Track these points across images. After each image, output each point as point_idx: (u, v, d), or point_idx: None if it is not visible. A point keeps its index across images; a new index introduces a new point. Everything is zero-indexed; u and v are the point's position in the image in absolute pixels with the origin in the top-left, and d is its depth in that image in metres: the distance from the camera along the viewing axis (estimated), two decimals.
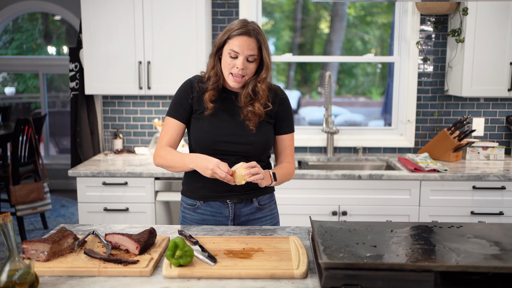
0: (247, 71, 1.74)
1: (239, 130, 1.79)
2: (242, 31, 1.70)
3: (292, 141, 1.92)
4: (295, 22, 4.06)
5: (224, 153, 1.78)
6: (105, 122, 3.61)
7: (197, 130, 1.80)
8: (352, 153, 3.54)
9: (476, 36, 3.08)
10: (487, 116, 3.47)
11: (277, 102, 1.85)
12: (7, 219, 1.24)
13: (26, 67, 6.12)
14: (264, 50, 1.73)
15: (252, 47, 1.70)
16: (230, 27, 1.74)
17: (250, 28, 1.71)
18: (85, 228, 1.78)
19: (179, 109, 1.82)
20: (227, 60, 1.73)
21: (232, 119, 1.80)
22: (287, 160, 1.90)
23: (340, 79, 4.78)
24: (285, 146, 1.90)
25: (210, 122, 1.79)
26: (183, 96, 1.83)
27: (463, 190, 2.89)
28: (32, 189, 3.89)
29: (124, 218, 2.98)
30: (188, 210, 1.90)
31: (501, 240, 1.43)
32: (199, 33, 3.15)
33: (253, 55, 1.72)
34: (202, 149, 1.79)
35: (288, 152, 1.91)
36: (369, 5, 3.86)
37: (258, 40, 1.72)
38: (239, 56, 1.71)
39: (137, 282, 1.33)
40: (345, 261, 1.26)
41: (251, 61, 1.73)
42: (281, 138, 1.90)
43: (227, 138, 1.78)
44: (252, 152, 1.80)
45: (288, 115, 1.89)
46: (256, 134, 1.79)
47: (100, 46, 3.20)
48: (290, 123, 1.91)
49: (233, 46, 1.70)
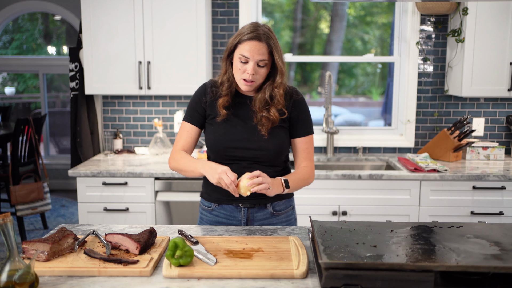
0: (258, 76, 1.71)
1: (250, 135, 1.77)
2: (252, 36, 1.66)
3: (310, 143, 1.86)
4: (295, 22, 4.06)
5: (235, 158, 1.78)
6: (105, 122, 3.61)
7: (209, 135, 1.81)
8: (352, 153, 3.54)
9: (476, 36, 3.08)
10: (487, 116, 3.47)
11: (291, 105, 1.80)
12: (7, 219, 1.24)
13: (26, 67, 6.12)
14: (275, 54, 1.69)
15: (262, 52, 1.67)
16: (241, 31, 1.70)
17: (260, 32, 1.67)
18: (85, 228, 1.78)
19: (193, 114, 1.83)
20: (237, 65, 1.71)
21: (244, 124, 1.78)
22: (304, 164, 1.85)
23: (340, 79, 4.78)
24: (301, 149, 1.85)
25: (221, 128, 1.78)
26: (197, 101, 1.83)
27: (463, 190, 2.89)
28: (32, 189, 3.90)
29: (124, 218, 2.98)
30: (205, 211, 1.92)
31: (501, 240, 1.43)
32: (199, 33, 3.15)
33: (264, 60, 1.68)
34: (214, 154, 1.81)
35: (305, 155, 1.85)
36: (369, 5, 3.86)
37: (268, 45, 1.68)
38: (249, 61, 1.68)
39: (137, 282, 1.33)
40: (345, 261, 1.26)
41: (261, 66, 1.70)
42: (296, 141, 1.85)
43: (237, 144, 1.76)
44: (264, 157, 1.77)
45: (303, 117, 1.83)
46: (267, 140, 1.76)
47: (100, 46, 3.20)
48: (306, 125, 1.84)
49: (243, 51, 1.67)
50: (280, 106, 1.75)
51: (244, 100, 1.81)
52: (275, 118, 1.74)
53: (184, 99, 3.54)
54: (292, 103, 1.81)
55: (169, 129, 3.58)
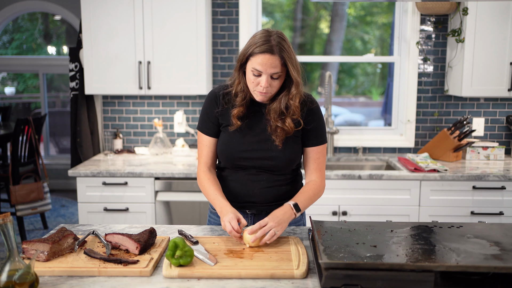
0: (272, 88, 1.66)
1: (261, 145, 1.74)
2: (264, 49, 1.59)
3: (322, 153, 1.79)
4: (295, 22, 4.06)
5: (245, 167, 1.77)
6: (105, 122, 3.61)
7: (220, 143, 1.79)
8: (352, 153, 3.54)
9: (476, 36, 3.08)
10: (487, 116, 3.47)
11: (305, 114, 1.75)
12: (7, 219, 1.24)
13: (26, 67, 6.12)
14: (289, 65, 1.62)
15: (276, 65, 1.60)
16: (253, 41, 1.63)
17: (273, 43, 1.60)
18: (85, 228, 1.78)
19: (208, 124, 1.80)
20: (250, 77, 1.66)
21: (257, 134, 1.75)
22: (315, 175, 1.79)
23: (340, 79, 4.78)
24: (312, 159, 1.79)
25: (233, 137, 1.75)
26: (209, 111, 1.79)
27: (463, 190, 2.89)
28: (32, 189, 3.89)
29: (124, 218, 2.98)
30: (213, 214, 1.91)
31: (501, 240, 1.43)
32: (199, 33, 3.15)
33: (277, 72, 1.62)
34: (224, 162, 1.80)
35: (316, 166, 1.79)
36: (369, 5, 3.86)
37: (282, 57, 1.60)
38: (263, 75, 1.63)
39: (137, 282, 1.33)
40: (345, 261, 1.26)
41: (275, 78, 1.65)
42: (308, 150, 1.80)
43: (248, 154, 1.74)
44: (275, 167, 1.75)
45: (316, 126, 1.77)
46: (279, 150, 1.73)
47: (100, 46, 3.19)
48: (320, 134, 1.78)
49: (255, 64, 1.61)
50: (296, 116, 1.70)
51: (259, 109, 1.77)
52: (289, 129, 1.70)
53: (184, 99, 3.54)
54: (306, 111, 1.76)
55: (169, 129, 3.58)
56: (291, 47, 1.65)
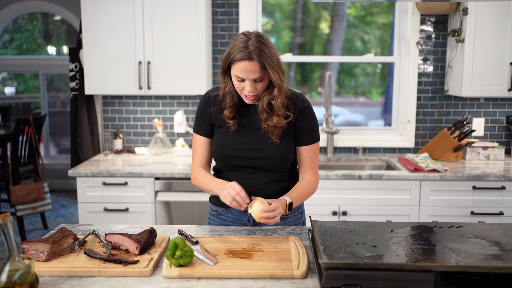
0: (258, 90, 1.69)
1: (254, 144, 1.76)
2: (242, 56, 1.61)
3: (315, 151, 1.82)
4: (295, 22, 4.06)
5: (240, 167, 1.79)
6: (105, 122, 3.61)
7: (214, 144, 1.82)
8: (352, 153, 3.54)
9: (476, 36, 3.08)
10: (487, 116, 3.47)
11: (296, 113, 1.77)
12: (7, 219, 1.24)
13: (26, 67, 6.12)
14: (269, 69, 1.63)
15: (255, 70, 1.62)
16: (232, 48, 1.65)
17: (251, 49, 1.61)
18: (85, 228, 1.78)
19: (202, 125, 1.83)
20: (235, 83, 1.69)
21: (251, 133, 1.77)
22: (309, 173, 1.82)
23: (340, 79, 4.78)
24: (305, 158, 1.82)
25: (226, 137, 1.78)
26: (202, 112, 1.83)
27: (463, 190, 2.89)
28: (32, 189, 3.89)
29: (124, 218, 2.98)
30: (212, 215, 1.93)
31: (501, 240, 1.43)
32: (199, 33, 3.15)
33: (259, 76, 1.64)
34: (219, 162, 1.83)
35: (309, 165, 1.82)
36: (369, 5, 3.86)
37: (260, 62, 1.61)
38: (246, 80, 1.66)
39: (137, 282, 1.33)
40: (345, 261, 1.26)
41: (259, 81, 1.67)
42: (301, 149, 1.82)
43: (241, 154, 1.77)
44: (269, 165, 1.78)
45: (308, 125, 1.80)
46: (272, 149, 1.75)
47: (100, 46, 3.20)
48: (311, 133, 1.81)
49: (236, 71, 1.64)
50: (282, 113, 1.72)
51: (249, 109, 1.79)
52: (281, 124, 1.73)
53: (184, 99, 3.54)
54: (298, 110, 1.77)
55: (169, 129, 3.58)
56: (271, 47, 1.66)
